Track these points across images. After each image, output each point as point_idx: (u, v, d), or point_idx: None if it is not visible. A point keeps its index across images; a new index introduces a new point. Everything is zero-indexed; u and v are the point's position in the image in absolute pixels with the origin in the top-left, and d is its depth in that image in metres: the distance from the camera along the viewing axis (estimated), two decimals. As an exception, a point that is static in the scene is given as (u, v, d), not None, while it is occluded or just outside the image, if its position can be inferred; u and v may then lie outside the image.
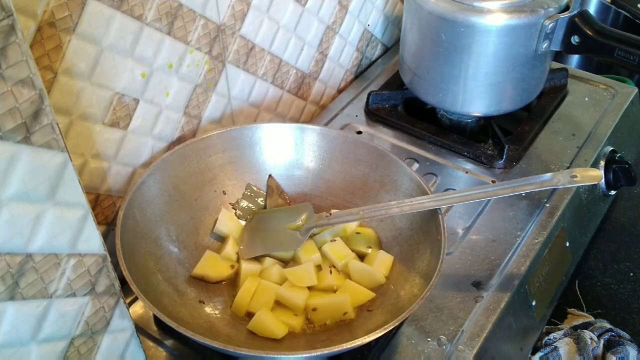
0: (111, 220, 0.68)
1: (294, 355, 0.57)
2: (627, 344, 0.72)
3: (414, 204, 0.65)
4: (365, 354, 0.61)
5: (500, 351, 0.65)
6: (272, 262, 0.69)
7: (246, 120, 0.82)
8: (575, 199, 0.78)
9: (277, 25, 0.79)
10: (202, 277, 0.67)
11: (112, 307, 0.52)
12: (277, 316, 0.63)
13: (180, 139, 0.72)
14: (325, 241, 0.70)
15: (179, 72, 0.68)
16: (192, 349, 0.63)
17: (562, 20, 0.76)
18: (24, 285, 0.43)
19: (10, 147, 0.39)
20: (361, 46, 0.99)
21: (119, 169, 0.66)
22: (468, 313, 0.64)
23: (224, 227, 0.71)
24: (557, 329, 0.74)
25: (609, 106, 0.91)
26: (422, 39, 0.82)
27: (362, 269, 0.67)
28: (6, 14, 0.35)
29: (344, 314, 0.63)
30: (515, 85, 0.81)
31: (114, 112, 0.62)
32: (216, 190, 0.73)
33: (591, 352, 0.70)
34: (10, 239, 0.41)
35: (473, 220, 0.74)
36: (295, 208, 0.73)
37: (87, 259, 0.48)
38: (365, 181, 0.74)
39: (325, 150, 0.75)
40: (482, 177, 0.80)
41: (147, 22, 0.61)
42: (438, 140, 0.85)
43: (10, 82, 0.37)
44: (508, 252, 0.70)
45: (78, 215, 0.45)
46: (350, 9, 0.91)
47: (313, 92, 0.93)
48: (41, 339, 0.47)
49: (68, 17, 0.54)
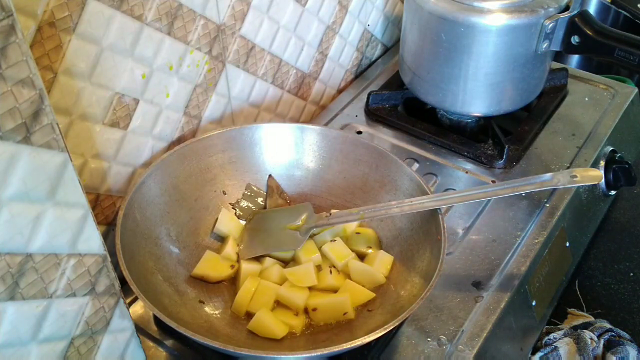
0: (111, 220, 0.68)
1: (294, 355, 0.57)
2: (627, 344, 0.72)
3: (414, 204, 0.65)
4: (365, 354, 0.61)
5: (500, 351, 0.65)
6: (272, 262, 0.69)
7: (246, 120, 0.82)
8: (575, 199, 0.78)
9: (277, 25, 0.79)
10: (202, 277, 0.67)
11: (112, 307, 0.52)
12: (277, 316, 0.63)
13: (180, 139, 0.72)
14: (325, 241, 0.70)
15: (179, 72, 0.68)
16: (192, 349, 0.63)
17: (562, 20, 0.76)
18: (24, 285, 0.43)
19: (10, 147, 0.39)
20: (361, 46, 0.99)
21: (119, 169, 0.66)
22: (468, 313, 0.64)
23: (224, 227, 0.71)
24: (557, 329, 0.74)
25: (609, 106, 0.91)
26: (422, 39, 0.82)
27: (362, 269, 0.67)
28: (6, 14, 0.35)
29: (344, 314, 0.63)
30: (515, 85, 0.81)
31: (114, 112, 0.62)
32: (216, 190, 0.73)
33: (591, 352, 0.70)
34: (10, 239, 0.41)
35: (473, 220, 0.74)
36: (295, 208, 0.73)
37: (87, 259, 0.48)
38: (365, 181, 0.74)
39: (325, 150, 0.75)
40: (482, 177, 0.80)
41: (147, 22, 0.61)
42: (438, 140, 0.85)
43: (10, 82, 0.37)
44: (508, 252, 0.70)
45: (78, 215, 0.45)
46: (350, 9, 0.91)
47: (313, 92, 0.93)
48: (41, 339, 0.47)
49: (68, 17, 0.54)
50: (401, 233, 0.70)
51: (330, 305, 0.64)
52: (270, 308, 0.64)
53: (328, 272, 0.67)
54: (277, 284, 0.66)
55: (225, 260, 0.68)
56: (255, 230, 0.72)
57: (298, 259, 0.68)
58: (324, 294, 0.66)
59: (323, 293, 0.66)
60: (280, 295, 0.65)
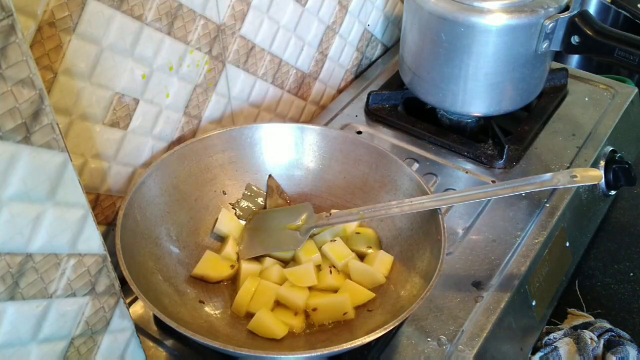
0: (111, 220, 0.68)
1: (294, 355, 0.57)
2: (627, 344, 0.72)
3: (414, 204, 0.65)
4: (365, 354, 0.61)
5: (500, 351, 0.65)
6: (272, 262, 0.69)
7: (246, 120, 0.82)
8: (575, 199, 0.78)
9: (277, 25, 0.79)
10: (202, 277, 0.67)
11: (112, 307, 0.52)
12: (277, 316, 0.63)
13: (180, 139, 0.72)
14: (325, 241, 0.70)
15: (179, 72, 0.68)
16: (192, 349, 0.63)
17: (562, 20, 0.76)
18: (24, 285, 0.43)
19: (10, 147, 0.39)
20: (361, 46, 0.99)
21: (119, 169, 0.66)
22: (468, 313, 0.64)
23: (224, 227, 0.71)
24: (557, 329, 0.74)
25: (609, 106, 0.91)
26: (422, 39, 0.82)
27: (362, 269, 0.67)
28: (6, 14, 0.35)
29: (344, 314, 0.63)
30: (515, 85, 0.81)
31: (114, 112, 0.62)
32: (216, 190, 0.73)
33: (591, 352, 0.70)
34: (10, 239, 0.41)
35: (473, 220, 0.74)
36: (295, 208, 0.73)
37: (87, 259, 0.48)
38: (365, 181, 0.74)
39: (325, 150, 0.75)
40: (482, 177, 0.80)
41: (147, 22, 0.61)
42: (438, 140, 0.85)
43: (10, 82, 0.37)
44: (508, 252, 0.70)
45: (78, 215, 0.45)
46: (350, 9, 0.91)
47: (313, 92, 0.93)
48: (41, 339, 0.47)
49: (68, 17, 0.54)
50: (401, 233, 0.70)
51: (330, 305, 0.64)
52: (270, 308, 0.64)
53: (328, 272, 0.67)
54: (277, 284, 0.66)
55: (225, 260, 0.68)
56: (255, 230, 0.72)
57: (298, 259, 0.68)
58: (324, 294, 0.66)
59: (323, 293, 0.66)
60: (280, 295, 0.65)
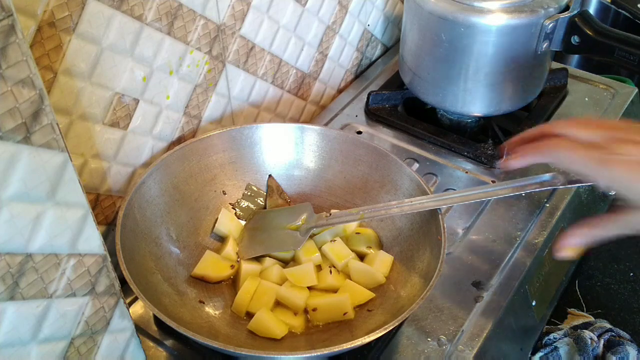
0: (111, 220, 0.68)
1: (294, 355, 0.57)
2: (627, 344, 0.72)
3: (414, 204, 0.65)
4: (365, 354, 0.61)
5: (500, 351, 0.65)
6: (272, 262, 0.69)
7: (246, 120, 0.82)
8: (575, 199, 0.78)
9: (277, 25, 0.79)
10: (202, 277, 0.67)
11: (112, 307, 0.52)
12: (277, 316, 0.63)
13: (180, 139, 0.72)
14: (325, 241, 0.70)
15: (179, 72, 0.68)
16: (192, 349, 0.63)
17: (562, 20, 0.76)
18: (24, 285, 0.43)
19: (10, 147, 0.39)
20: (361, 46, 0.99)
21: (119, 169, 0.66)
22: (468, 313, 0.64)
23: (224, 227, 0.71)
24: (557, 329, 0.74)
25: (609, 106, 0.91)
26: (422, 39, 0.82)
27: (362, 269, 0.67)
28: (6, 14, 0.35)
29: (344, 314, 0.63)
30: (515, 85, 0.81)
31: (114, 112, 0.62)
32: (216, 190, 0.73)
33: (591, 352, 0.70)
34: (10, 239, 0.41)
35: (473, 220, 0.74)
36: (295, 208, 0.73)
37: (87, 259, 0.48)
38: (365, 181, 0.74)
39: (325, 150, 0.75)
40: (482, 177, 0.80)
41: (147, 22, 0.61)
42: (438, 140, 0.85)
43: (10, 82, 0.37)
44: (508, 252, 0.70)
45: (78, 215, 0.45)
46: (350, 9, 0.91)
47: (313, 92, 0.93)
48: (41, 339, 0.47)
49: (68, 17, 0.54)
50: (401, 233, 0.70)
51: (330, 305, 0.64)
52: (270, 308, 0.64)
53: (328, 272, 0.67)
54: (277, 284, 0.66)
55: (225, 260, 0.68)
56: (255, 230, 0.72)
57: (298, 259, 0.68)
58: (324, 294, 0.66)
59: (323, 293, 0.66)
60: (280, 295, 0.65)
